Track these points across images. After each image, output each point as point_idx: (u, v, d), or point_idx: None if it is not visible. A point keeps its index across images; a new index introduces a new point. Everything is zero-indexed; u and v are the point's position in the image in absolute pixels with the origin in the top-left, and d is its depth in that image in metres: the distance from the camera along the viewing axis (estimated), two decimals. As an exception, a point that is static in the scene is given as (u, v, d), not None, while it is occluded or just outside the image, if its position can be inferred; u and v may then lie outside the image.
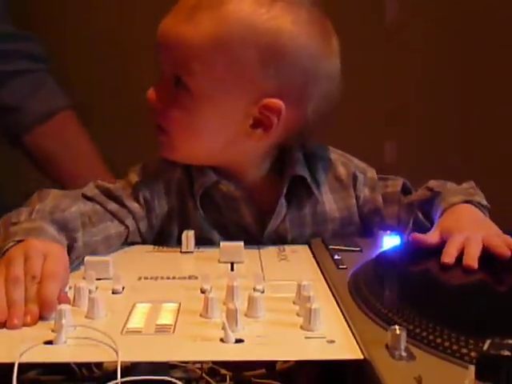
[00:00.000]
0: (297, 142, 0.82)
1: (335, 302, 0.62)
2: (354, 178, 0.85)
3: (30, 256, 0.62)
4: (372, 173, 0.86)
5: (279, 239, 0.82)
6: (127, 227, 0.78)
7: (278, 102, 0.74)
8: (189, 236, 0.78)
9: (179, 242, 0.78)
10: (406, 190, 0.86)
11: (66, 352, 0.51)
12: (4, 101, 1.03)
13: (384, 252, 0.74)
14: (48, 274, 0.61)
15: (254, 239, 0.81)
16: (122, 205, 0.79)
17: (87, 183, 0.80)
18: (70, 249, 0.70)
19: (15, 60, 1.02)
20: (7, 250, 0.64)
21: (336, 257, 0.74)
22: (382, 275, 0.64)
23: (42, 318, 0.57)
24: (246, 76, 0.73)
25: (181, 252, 0.78)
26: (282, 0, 0.74)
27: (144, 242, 0.81)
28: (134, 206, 0.79)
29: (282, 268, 0.73)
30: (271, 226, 0.81)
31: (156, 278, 0.69)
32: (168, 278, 0.69)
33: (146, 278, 0.69)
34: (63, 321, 0.53)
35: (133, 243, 0.80)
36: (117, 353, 0.50)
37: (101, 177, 0.82)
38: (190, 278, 0.69)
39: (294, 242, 0.82)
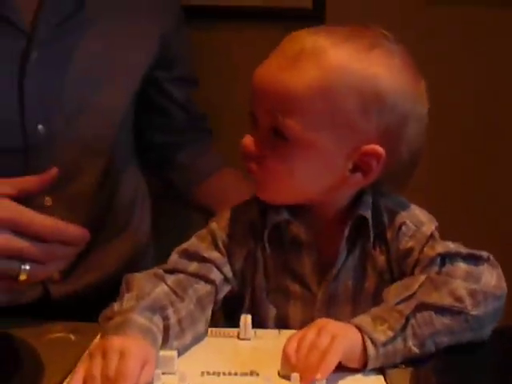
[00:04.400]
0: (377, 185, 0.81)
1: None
2: (399, 229, 0.80)
3: (106, 355, 0.64)
4: (429, 227, 0.80)
5: (335, 296, 0.81)
6: (213, 282, 0.80)
7: (378, 148, 0.75)
8: (247, 322, 0.79)
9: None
10: (443, 261, 0.77)
11: None
12: (180, 161, 1.26)
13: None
14: (119, 375, 0.62)
15: (310, 294, 0.81)
16: (202, 259, 0.80)
17: None
18: (165, 329, 0.72)
19: (196, 132, 1.28)
20: None
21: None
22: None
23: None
24: (347, 123, 0.75)
25: (238, 338, 0.79)
26: (377, 47, 0.76)
27: (233, 289, 0.82)
28: (214, 255, 0.81)
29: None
30: (330, 273, 0.81)
31: (218, 374, 0.70)
32: (230, 374, 0.70)
33: (208, 374, 0.70)
34: None
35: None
36: None
37: None
38: (251, 374, 0.70)
39: (353, 299, 0.81)
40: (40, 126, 0.98)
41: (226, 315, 0.87)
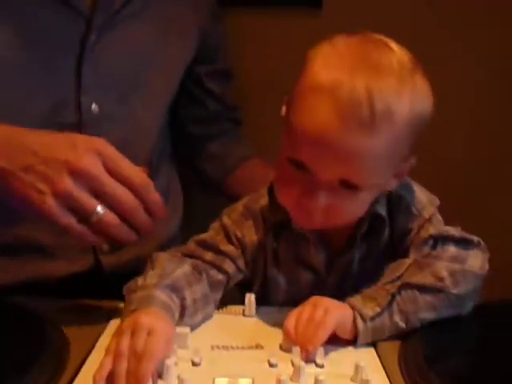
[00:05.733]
0: None
1: (388, 382, 0.72)
2: (403, 212, 0.86)
3: (135, 332, 0.71)
4: (429, 211, 0.86)
5: (344, 280, 0.88)
6: (227, 273, 0.87)
7: (413, 158, 0.81)
8: (251, 300, 0.87)
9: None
10: (435, 243, 0.84)
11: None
12: (212, 151, 1.32)
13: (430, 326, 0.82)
14: (147, 352, 0.68)
15: (320, 280, 0.88)
16: (218, 251, 0.87)
17: None
18: (182, 308, 0.80)
19: (224, 123, 1.33)
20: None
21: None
22: (433, 354, 0.73)
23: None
24: (402, 156, 0.79)
25: (243, 315, 0.87)
26: (413, 74, 0.76)
27: (245, 277, 0.89)
28: (229, 248, 0.88)
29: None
30: (340, 262, 0.87)
31: (227, 348, 0.78)
32: (237, 348, 0.78)
33: (218, 348, 0.78)
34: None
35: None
36: None
37: None
38: (257, 347, 0.78)
39: (359, 277, 0.86)
40: (94, 105, 1.07)
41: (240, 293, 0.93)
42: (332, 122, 0.73)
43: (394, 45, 0.79)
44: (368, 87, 0.72)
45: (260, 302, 0.88)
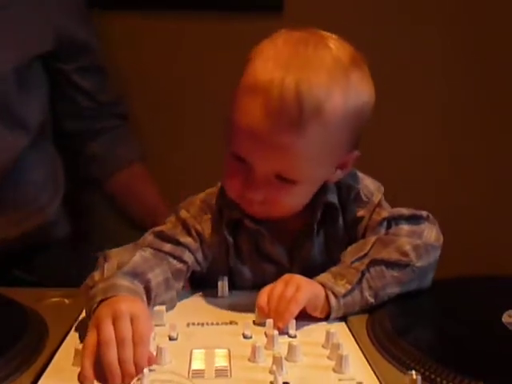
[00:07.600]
0: None
1: (357, 345, 0.75)
2: (353, 200, 0.91)
3: (117, 319, 0.69)
4: (377, 196, 0.91)
5: (307, 268, 0.89)
6: (186, 263, 0.87)
7: (355, 153, 0.85)
8: (224, 283, 0.90)
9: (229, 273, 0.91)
10: (389, 224, 0.89)
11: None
12: (93, 150, 1.31)
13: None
14: (138, 338, 0.68)
15: (284, 268, 0.89)
16: (177, 243, 0.87)
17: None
18: (147, 290, 0.80)
19: (108, 118, 1.30)
20: (93, 311, 0.73)
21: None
22: (398, 322, 0.77)
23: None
24: (339, 150, 0.83)
25: (216, 296, 0.90)
26: (350, 70, 0.79)
27: (202, 271, 0.90)
28: (188, 240, 0.88)
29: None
30: (301, 253, 0.90)
31: (202, 324, 0.81)
32: (213, 324, 0.81)
33: (193, 324, 0.81)
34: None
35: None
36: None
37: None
38: (231, 323, 0.81)
39: (322, 267, 0.86)
40: None
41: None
42: (263, 123, 0.77)
43: (333, 41, 0.81)
44: (297, 87, 0.76)
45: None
